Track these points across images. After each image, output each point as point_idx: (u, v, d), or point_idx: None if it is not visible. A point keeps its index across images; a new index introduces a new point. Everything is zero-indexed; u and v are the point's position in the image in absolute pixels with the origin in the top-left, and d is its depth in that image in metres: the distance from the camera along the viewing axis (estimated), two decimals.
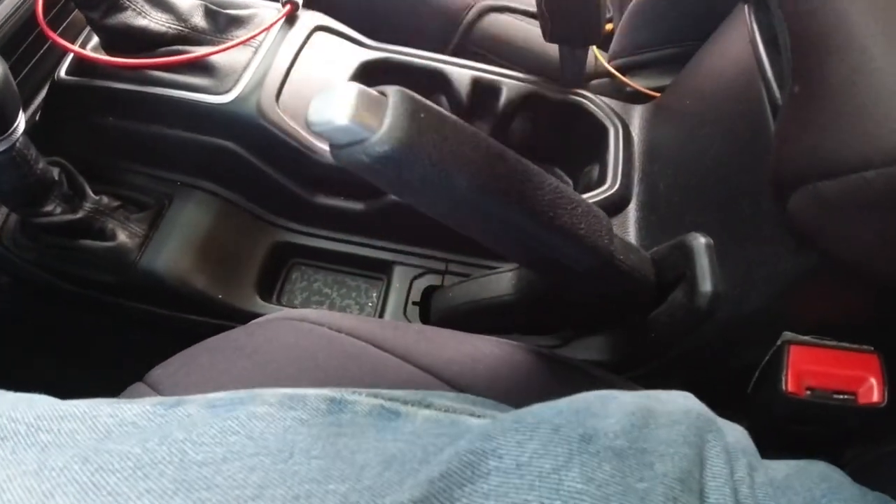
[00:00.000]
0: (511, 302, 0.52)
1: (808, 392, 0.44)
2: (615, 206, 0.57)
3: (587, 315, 0.53)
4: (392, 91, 0.31)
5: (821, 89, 0.32)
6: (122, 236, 0.59)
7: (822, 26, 0.32)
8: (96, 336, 0.65)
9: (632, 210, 0.58)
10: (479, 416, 0.35)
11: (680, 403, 0.35)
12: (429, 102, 0.32)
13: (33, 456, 0.28)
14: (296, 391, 0.33)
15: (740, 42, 0.50)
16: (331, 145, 0.32)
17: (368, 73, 0.64)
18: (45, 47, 0.60)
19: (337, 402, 0.33)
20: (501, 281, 0.52)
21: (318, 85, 0.60)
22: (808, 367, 0.44)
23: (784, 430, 0.48)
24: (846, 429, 0.48)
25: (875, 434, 0.49)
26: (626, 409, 0.32)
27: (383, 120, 0.30)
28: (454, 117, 0.33)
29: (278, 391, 0.33)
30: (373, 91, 0.31)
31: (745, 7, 0.48)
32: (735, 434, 0.34)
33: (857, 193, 0.31)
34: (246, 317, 0.59)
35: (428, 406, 0.35)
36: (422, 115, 0.31)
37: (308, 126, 0.31)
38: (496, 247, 0.42)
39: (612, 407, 0.32)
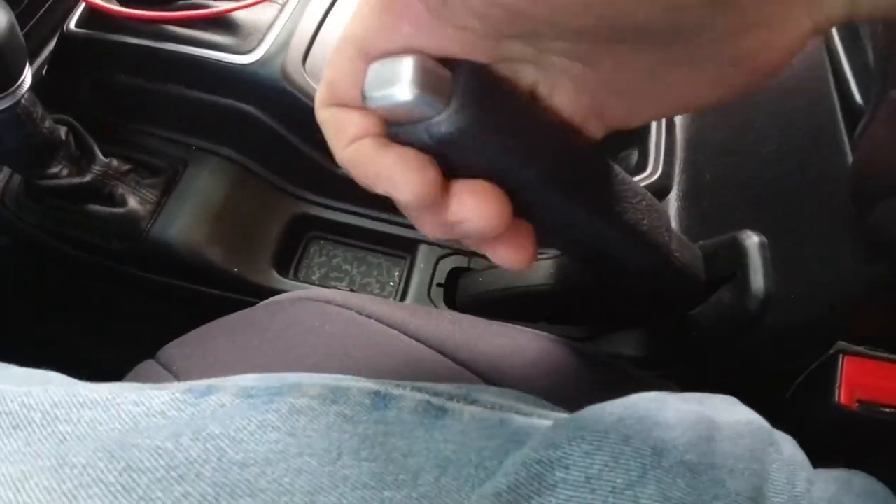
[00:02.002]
0: (546, 292, 0.50)
1: (858, 404, 0.43)
2: (655, 194, 0.54)
3: (625, 310, 0.51)
4: (462, 65, 0.27)
5: None
6: (133, 202, 0.55)
7: None
8: (103, 305, 0.63)
9: (672, 199, 0.55)
10: (525, 415, 0.33)
11: (738, 413, 0.34)
12: (501, 79, 0.29)
13: (51, 449, 0.25)
14: (337, 382, 0.31)
15: None
16: (389, 124, 0.28)
17: None
18: None
19: (381, 396, 0.31)
20: (538, 269, 0.50)
21: None
22: (860, 379, 0.43)
23: (822, 438, 0.47)
24: (888, 441, 0.46)
25: None
26: (689, 420, 0.31)
27: (451, 97, 0.26)
28: (526, 98, 0.30)
29: (317, 380, 0.31)
30: (439, 64, 0.27)
31: None
32: (789, 447, 0.33)
33: None
34: (261, 292, 0.57)
35: (473, 402, 0.33)
36: (494, 94, 0.27)
37: (364, 100, 0.27)
38: (550, 236, 0.39)
39: (671, 416, 0.31)
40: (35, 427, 0.26)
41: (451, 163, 0.30)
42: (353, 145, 0.26)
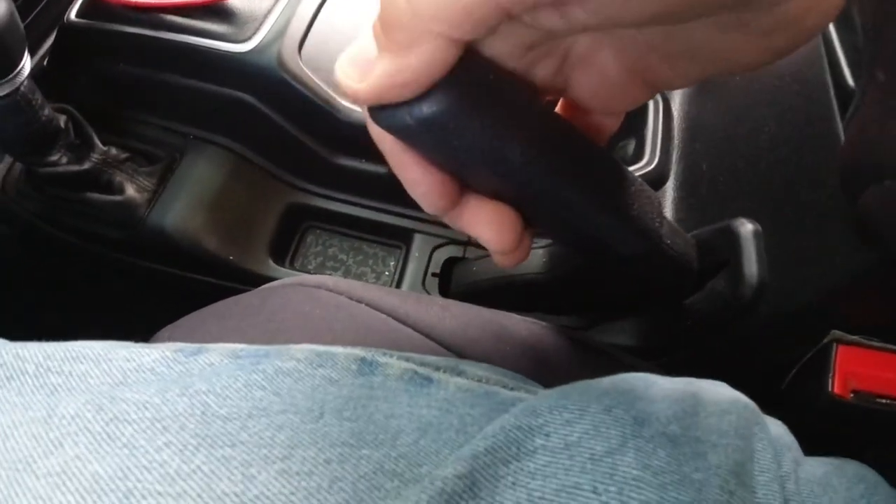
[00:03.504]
0: (540, 281, 0.49)
1: (853, 395, 0.42)
2: (652, 183, 0.54)
3: (619, 299, 0.51)
4: None
5: None
6: (131, 190, 0.56)
7: None
8: (100, 294, 0.63)
9: (669, 189, 0.55)
10: (511, 389, 0.33)
11: (724, 393, 0.34)
12: (482, 58, 0.28)
13: (41, 400, 0.26)
14: (325, 348, 0.31)
15: None
16: (370, 107, 0.28)
17: None
18: None
19: (367, 362, 0.31)
20: (532, 258, 0.50)
21: (345, 36, 0.57)
22: (854, 368, 0.42)
23: (816, 428, 0.46)
24: (882, 433, 0.46)
25: None
26: (673, 395, 0.30)
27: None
28: (509, 78, 0.29)
29: (305, 347, 0.31)
30: None
31: None
32: (777, 428, 0.33)
33: None
34: (257, 280, 0.57)
35: (460, 374, 0.33)
36: (475, 74, 0.27)
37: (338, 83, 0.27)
38: (538, 221, 0.38)
39: (656, 391, 0.30)
40: (28, 378, 0.27)
41: (434, 146, 0.29)
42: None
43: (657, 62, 0.25)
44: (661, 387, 0.31)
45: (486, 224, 0.29)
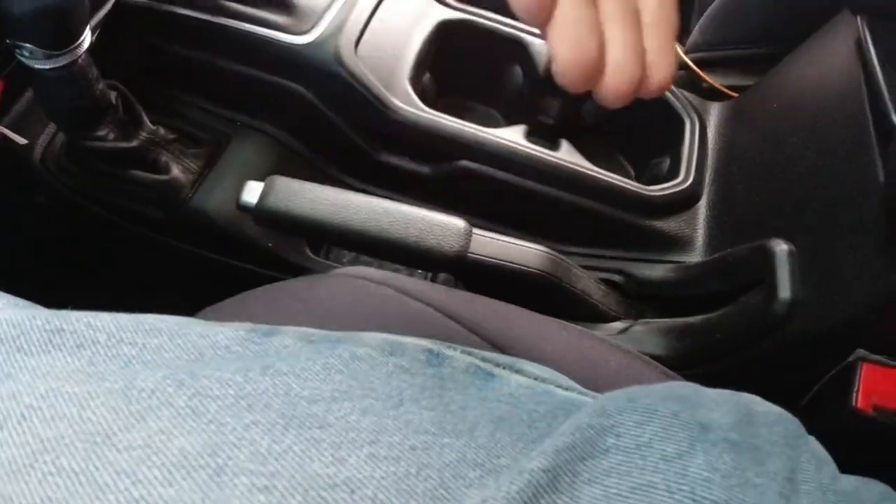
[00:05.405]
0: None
1: (875, 410, 0.45)
2: (685, 201, 0.57)
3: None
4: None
5: None
6: (176, 171, 0.56)
7: None
8: (136, 273, 0.63)
9: (702, 207, 0.57)
10: (565, 389, 0.35)
11: (769, 405, 0.35)
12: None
13: (116, 370, 0.25)
14: (395, 338, 0.32)
15: (843, 54, 0.49)
16: None
17: (446, 33, 0.61)
18: None
19: (435, 354, 0.32)
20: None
21: (397, 37, 0.58)
22: (878, 386, 0.44)
23: (839, 443, 0.48)
24: None
25: None
26: (727, 404, 0.32)
27: None
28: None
29: (377, 335, 0.32)
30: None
31: (858, 20, 0.47)
32: (815, 443, 0.35)
33: None
34: (294, 269, 0.58)
35: (518, 371, 0.34)
36: None
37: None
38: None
39: (709, 400, 0.32)
40: (100, 347, 0.26)
41: None
42: None
43: None
44: (711, 396, 0.33)
45: None
